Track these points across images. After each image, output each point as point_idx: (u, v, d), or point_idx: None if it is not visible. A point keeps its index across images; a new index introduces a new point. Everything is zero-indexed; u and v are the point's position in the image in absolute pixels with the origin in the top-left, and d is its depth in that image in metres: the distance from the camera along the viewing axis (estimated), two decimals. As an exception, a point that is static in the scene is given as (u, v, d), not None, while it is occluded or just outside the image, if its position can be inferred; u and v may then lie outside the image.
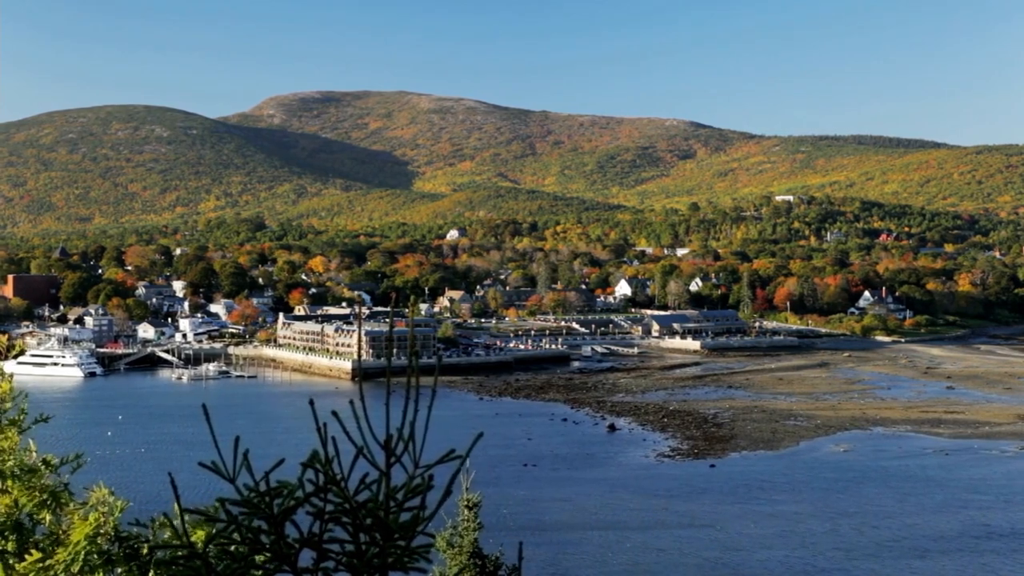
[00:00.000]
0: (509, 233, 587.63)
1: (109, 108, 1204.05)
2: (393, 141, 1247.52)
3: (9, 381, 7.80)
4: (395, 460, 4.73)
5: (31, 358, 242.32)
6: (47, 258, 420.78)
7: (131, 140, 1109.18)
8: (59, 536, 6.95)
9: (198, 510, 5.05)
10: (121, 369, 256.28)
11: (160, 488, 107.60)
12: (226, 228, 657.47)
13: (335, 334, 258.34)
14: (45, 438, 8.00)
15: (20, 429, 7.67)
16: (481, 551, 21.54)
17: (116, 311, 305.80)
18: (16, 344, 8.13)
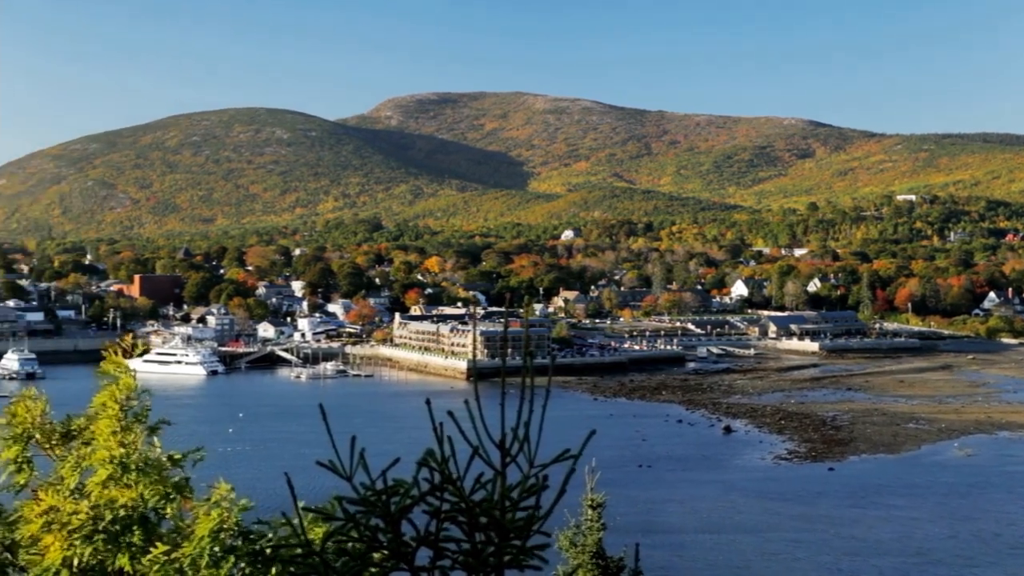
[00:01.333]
0: (624, 233, 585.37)
1: (232, 111, 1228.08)
2: (509, 142, 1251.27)
3: (134, 378, 8.05)
4: (510, 460, 4.72)
5: (156, 356, 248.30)
6: (172, 258, 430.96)
7: (252, 142, 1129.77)
8: (183, 530, 7.17)
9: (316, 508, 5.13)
10: (242, 367, 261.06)
11: (278, 485, 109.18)
12: (344, 229, 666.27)
13: (450, 334, 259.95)
14: (168, 434, 8.24)
15: (145, 425, 7.92)
16: (604, 551, 21.56)
17: (237, 310, 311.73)
18: (140, 343, 8.39)
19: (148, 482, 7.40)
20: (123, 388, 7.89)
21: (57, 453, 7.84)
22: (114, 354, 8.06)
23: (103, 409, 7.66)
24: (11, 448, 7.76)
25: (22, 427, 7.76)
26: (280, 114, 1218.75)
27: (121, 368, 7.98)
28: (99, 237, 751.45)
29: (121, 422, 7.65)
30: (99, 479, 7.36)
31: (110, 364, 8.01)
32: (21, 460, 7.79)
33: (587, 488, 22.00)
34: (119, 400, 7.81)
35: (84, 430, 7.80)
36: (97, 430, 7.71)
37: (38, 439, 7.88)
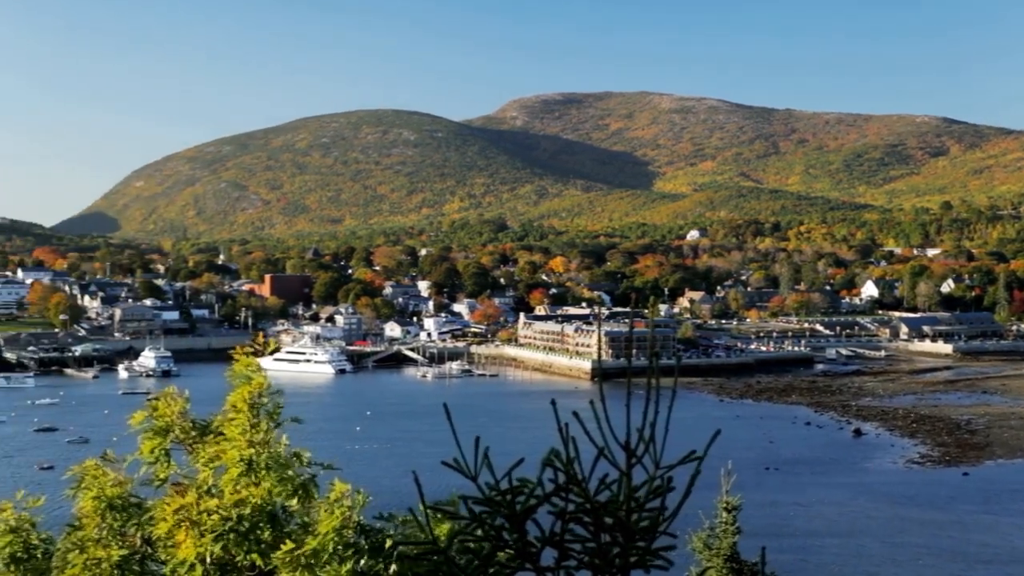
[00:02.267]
0: (751, 233, 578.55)
1: (360, 113, 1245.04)
2: (634, 142, 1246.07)
3: (265, 377, 8.15)
4: (636, 461, 4.72)
5: (286, 355, 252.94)
6: (301, 258, 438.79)
7: (380, 143, 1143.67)
8: (308, 527, 7.23)
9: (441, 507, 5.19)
10: (369, 366, 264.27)
11: (403, 483, 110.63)
12: (469, 229, 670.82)
13: (575, 334, 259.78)
14: (296, 431, 8.30)
15: (275, 423, 8.01)
16: (738, 555, 21.24)
17: (365, 310, 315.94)
18: (271, 342, 8.50)
19: (276, 480, 7.48)
20: (254, 388, 8.00)
21: (193, 449, 7.98)
22: (245, 354, 8.16)
23: (235, 408, 7.77)
24: (151, 441, 7.94)
25: (163, 422, 7.92)
26: (407, 115, 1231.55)
27: (252, 368, 8.08)
28: (231, 237, 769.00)
29: (251, 421, 7.75)
30: (230, 477, 7.47)
31: (241, 364, 8.12)
32: (159, 453, 7.96)
33: (723, 491, 21.72)
34: (250, 399, 7.92)
35: (217, 428, 7.94)
36: (229, 429, 7.83)
37: (177, 435, 8.04)
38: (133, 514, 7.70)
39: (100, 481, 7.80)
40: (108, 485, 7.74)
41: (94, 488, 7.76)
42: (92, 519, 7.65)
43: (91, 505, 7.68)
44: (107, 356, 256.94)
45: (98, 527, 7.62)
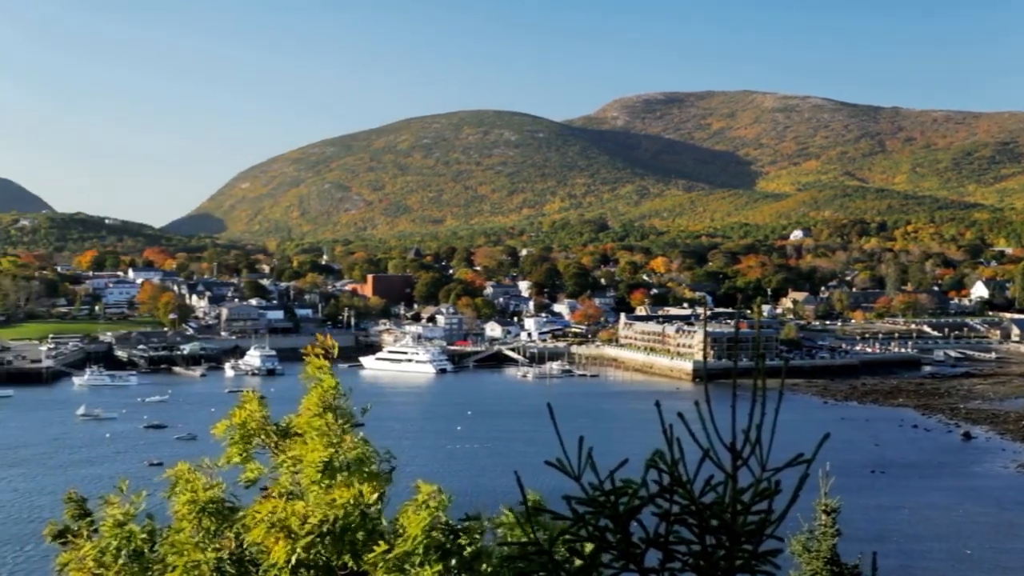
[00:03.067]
0: (856, 233, 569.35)
1: (461, 114, 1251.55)
2: (736, 141, 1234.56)
3: (335, 377, 8.25)
4: (741, 463, 4.69)
5: (388, 354, 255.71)
6: (403, 258, 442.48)
7: (481, 144, 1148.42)
8: (397, 528, 7.31)
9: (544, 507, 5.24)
10: (470, 366, 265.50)
11: (502, 482, 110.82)
12: (570, 229, 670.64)
13: (676, 335, 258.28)
14: (397, 430, 8.39)
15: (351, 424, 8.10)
16: (838, 558, 21.00)
17: (465, 310, 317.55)
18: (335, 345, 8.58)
19: (360, 480, 7.58)
20: (326, 389, 8.10)
21: (277, 452, 8.13)
22: (315, 356, 8.27)
23: (310, 411, 7.89)
24: (236, 445, 8.10)
25: (246, 427, 8.08)
26: (508, 116, 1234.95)
27: (324, 369, 8.19)
28: (334, 238, 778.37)
29: (327, 423, 7.86)
30: (310, 479, 7.59)
31: (313, 366, 8.24)
32: (244, 456, 8.12)
33: (821, 493, 21.48)
34: (323, 401, 8.02)
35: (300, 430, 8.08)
36: (307, 432, 7.95)
37: (262, 439, 8.19)
38: (227, 517, 7.86)
39: (193, 484, 7.97)
40: (201, 488, 7.91)
41: (187, 492, 7.93)
42: (188, 522, 7.83)
43: (186, 508, 7.86)
44: (214, 355, 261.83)
45: (194, 530, 7.80)
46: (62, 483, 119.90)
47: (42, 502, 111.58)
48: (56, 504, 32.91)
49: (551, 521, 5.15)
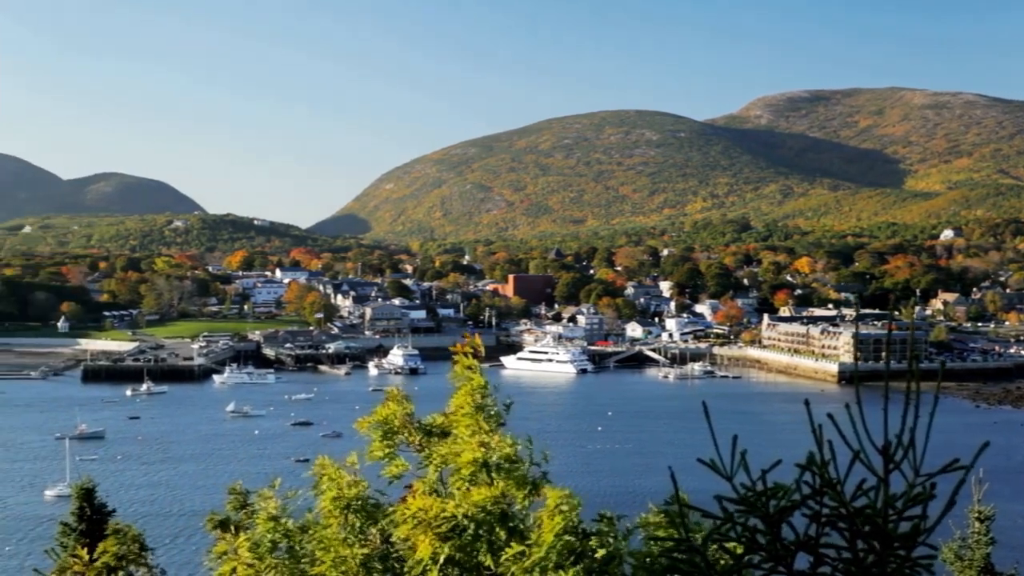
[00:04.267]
0: (1010, 233, 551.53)
1: (602, 114, 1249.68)
2: (883, 139, 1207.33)
3: (483, 375, 8.26)
4: (894, 467, 4.61)
5: (529, 354, 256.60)
6: (544, 259, 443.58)
7: (622, 144, 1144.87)
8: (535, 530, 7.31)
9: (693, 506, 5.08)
10: (610, 366, 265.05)
11: (641, 483, 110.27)
12: (712, 229, 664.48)
13: (821, 336, 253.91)
14: (536, 430, 8.37)
15: (500, 423, 8.10)
16: (992, 567, 20.40)
17: (606, 310, 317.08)
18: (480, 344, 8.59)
19: (508, 480, 7.58)
20: (475, 388, 8.10)
21: (421, 450, 8.18)
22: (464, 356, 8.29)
23: (460, 410, 7.91)
24: (381, 443, 8.18)
25: (390, 423, 8.16)
26: (649, 115, 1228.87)
27: (473, 368, 8.20)
28: (476, 238, 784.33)
29: (478, 422, 7.88)
30: (461, 478, 7.62)
31: (462, 365, 8.25)
32: (388, 453, 8.20)
33: (974, 499, 20.90)
34: (473, 400, 8.04)
35: (446, 428, 8.11)
36: (457, 430, 7.98)
37: (405, 437, 8.26)
38: (371, 514, 7.95)
39: (338, 481, 8.08)
40: (346, 485, 8.02)
41: (333, 488, 8.04)
42: (334, 518, 7.94)
43: (331, 505, 7.97)
44: (358, 354, 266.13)
45: (340, 526, 7.90)
46: (212, 477, 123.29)
47: (193, 495, 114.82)
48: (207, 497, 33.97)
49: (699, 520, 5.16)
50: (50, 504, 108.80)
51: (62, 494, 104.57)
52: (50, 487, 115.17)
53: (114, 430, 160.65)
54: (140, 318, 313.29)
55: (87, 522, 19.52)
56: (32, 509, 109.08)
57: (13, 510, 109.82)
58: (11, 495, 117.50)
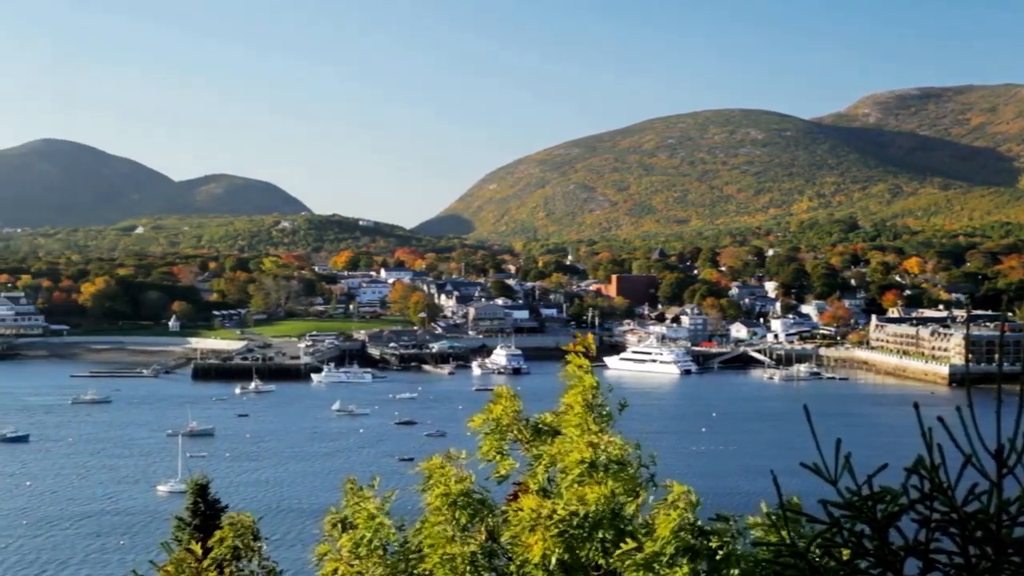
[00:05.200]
0: None
1: (707, 113, 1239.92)
2: (997, 137, 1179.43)
3: (594, 375, 8.33)
4: (1007, 471, 4.50)
5: (632, 355, 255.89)
6: (647, 259, 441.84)
7: (727, 143, 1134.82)
8: (648, 527, 7.35)
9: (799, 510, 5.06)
10: (714, 367, 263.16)
11: (745, 485, 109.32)
12: (818, 229, 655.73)
13: (931, 337, 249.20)
14: (639, 431, 8.43)
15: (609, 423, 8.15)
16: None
17: (710, 311, 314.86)
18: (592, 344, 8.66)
19: (617, 480, 7.64)
20: (587, 388, 8.16)
21: (530, 448, 8.28)
22: (576, 355, 8.35)
23: (570, 409, 7.97)
24: (490, 440, 8.29)
25: (500, 422, 8.25)
26: (755, 114, 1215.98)
27: (584, 368, 8.26)
28: (579, 238, 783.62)
29: (588, 421, 7.93)
30: (571, 478, 7.68)
31: (574, 364, 8.31)
32: (498, 452, 8.30)
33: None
34: (584, 400, 8.09)
35: (553, 427, 8.19)
36: (567, 429, 8.05)
37: (515, 435, 8.35)
38: (478, 511, 8.04)
39: (446, 478, 8.18)
40: (453, 482, 8.12)
41: (440, 485, 8.14)
42: (441, 515, 8.04)
43: (439, 502, 8.06)
44: (462, 353, 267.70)
45: (447, 522, 8.01)
46: (318, 475, 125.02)
47: (299, 492, 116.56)
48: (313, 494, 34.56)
49: (806, 524, 5.05)
50: (162, 499, 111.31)
51: (174, 490, 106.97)
52: (162, 483, 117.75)
53: (223, 427, 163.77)
54: (248, 317, 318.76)
55: (201, 517, 20.04)
56: (145, 504, 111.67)
57: (126, 504, 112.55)
58: (124, 490, 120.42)
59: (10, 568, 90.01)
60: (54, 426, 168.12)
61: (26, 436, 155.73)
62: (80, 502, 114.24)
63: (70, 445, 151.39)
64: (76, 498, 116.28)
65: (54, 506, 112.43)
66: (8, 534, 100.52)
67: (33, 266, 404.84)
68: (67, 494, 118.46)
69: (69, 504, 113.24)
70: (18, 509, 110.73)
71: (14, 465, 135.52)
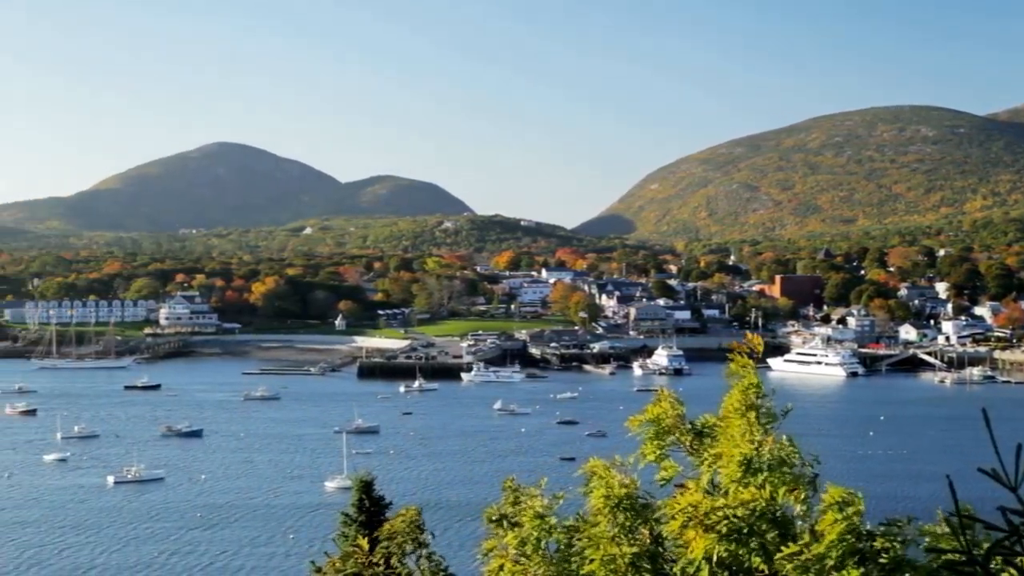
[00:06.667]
0: None
1: (875, 111, 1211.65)
2: None
3: (757, 375, 8.25)
4: None
5: (796, 356, 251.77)
6: (812, 259, 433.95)
7: (896, 141, 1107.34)
8: (814, 530, 7.27)
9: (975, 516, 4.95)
10: (882, 370, 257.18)
11: (913, 490, 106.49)
12: (993, 228, 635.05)
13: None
14: (800, 433, 8.34)
15: (774, 425, 8.08)
16: None
17: (877, 312, 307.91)
18: (759, 344, 8.58)
19: (779, 481, 7.57)
20: (749, 388, 8.11)
21: (693, 450, 8.26)
22: (739, 355, 8.30)
23: (733, 409, 7.93)
24: (652, 442, 8.31)
25: (661, 423, 8.26)
26: (925, 111, 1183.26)
27: (748, 368, 8.21)
28: (742, 238, 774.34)
29: (750, 421, 7.88)
30: (732, 477, 7.65)
31: (736, 364, 8.27)
32: (659, 454, 8.31)
33: None
34: (747, 400, 8.04)
35: (716, 428, 8.16)
36: (729, 429, 8.01)
37: (677, 437, 8.34)
38: (642, 513, 8.06)
39: (608, 480, 8.22)
40: (616, 484, 8.15)
41: (603, 487, 8.18)
42: (604, 516, 8.08)
43: (601, 503, 8.10)
44: (622, 353, 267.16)
45: (610, 524, 8.04)
46: (481, 473, 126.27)
47: (461, 490, 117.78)
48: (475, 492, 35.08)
49: (982, 531, 4.93)
50: (329, 494, 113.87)
51: (341, 485, 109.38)
52: (330, 479, 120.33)
53: (388, 425, 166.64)
54: (412, 317, 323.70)
55: (366, 513, 20.48)
56: (313, 498, 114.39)
57: (294, 498, 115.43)
58: (292, 484, 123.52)
59: (184, 556, 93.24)
60: (226, 421, 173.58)
61: (200, 431, 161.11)
62: (250, 495, 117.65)
63: (241, 440, 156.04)
64: (246, 491, 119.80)
65: (226, 498, 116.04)
66: (183, 525, 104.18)
67: (207, 266, 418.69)
68: (238, 487, 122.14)
69: (239, 497, 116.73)
70: (192, 501, 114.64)
71: (189, 459, 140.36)
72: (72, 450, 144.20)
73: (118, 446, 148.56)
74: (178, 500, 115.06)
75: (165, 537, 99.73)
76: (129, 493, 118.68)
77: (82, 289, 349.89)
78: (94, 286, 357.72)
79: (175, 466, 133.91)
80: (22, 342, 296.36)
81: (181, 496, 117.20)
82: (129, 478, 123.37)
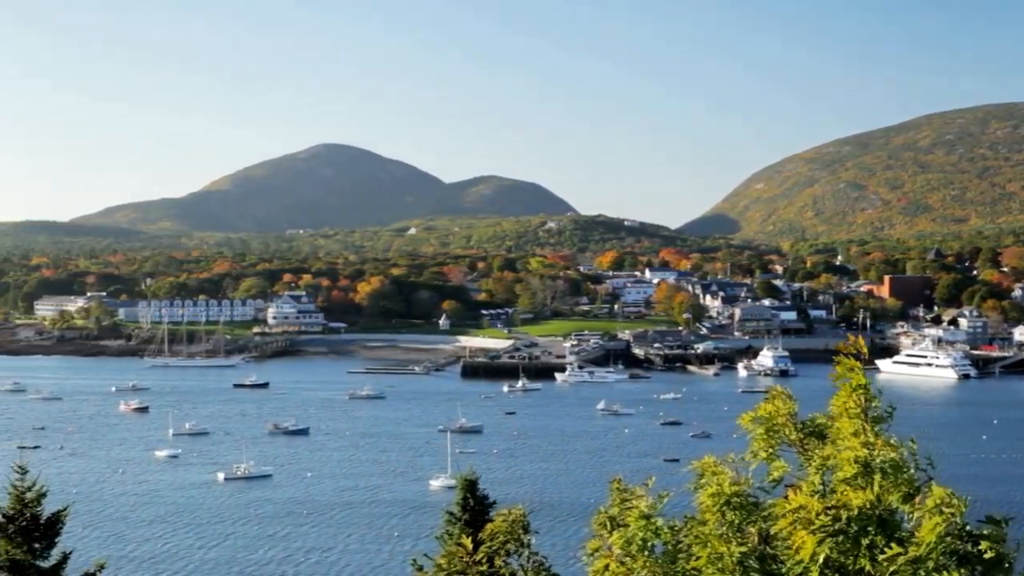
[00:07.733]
0: None
1: (987, 108, 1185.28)
2: None
3: (865, 377, 8.17)
4: None
5: (906, 358, 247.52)
6: (922, 259, 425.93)
7: (1010, 139, 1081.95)
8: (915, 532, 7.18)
9: None
10: (995, 372, 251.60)
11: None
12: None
13: None
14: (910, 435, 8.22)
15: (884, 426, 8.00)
16: None
17: (991, 313, 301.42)
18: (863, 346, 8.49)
19: (888, 483, 7.49)
20: (859, 389, 8.04)
21: (804, 450, 8.20)
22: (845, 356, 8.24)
23: (844, 410, 7.86)
24: (762, 441, 8.26)
25: (773, 423, 8.21)
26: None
27: (856, 370, 8.14)
28: (849, 238, 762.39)
29: (862, 422, 7.81)
30: (843, 478, 7.58)
31: (844, 366, 8.21)
32: (770, 453, 8.26)
33: None
34: (858, 402, 7.98)
35: (827, 429, 8.09)
36: (839, 430, 7.95)
37: (787, 436, 8.29)
38: (751, 512, 8.02)
39: (719, 478, 8.20)
40: (726, 483, 8.13)
41: (713, 485, 8.17)
42: (712, 514, 8.06)
43: (710, 501, 8.09)
44: (727, 354, 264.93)
45: (718, 523, 8.02)
46: (584, 474, 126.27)
47: (565, 490, 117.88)
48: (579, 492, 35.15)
49: None
50: (434, 493, 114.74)
51: (446, 484, 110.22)
52: (435, 477, 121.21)
53: (491, 424, 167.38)
54: (515, 316, 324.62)
55: (470, 512, 20.62)
56: (418, 497, 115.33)
57: (398, 496, 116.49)
58: (396, 482, 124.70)
59: (293, 553, 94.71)
60: (331, 419, 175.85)
61: (306, 429, 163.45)
62: (355, 492, 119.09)
63: (346, 438, 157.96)
64: (351, 488, 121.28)
65: (331, 495, 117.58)
66: (289, 521, 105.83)
67: (313, 266, 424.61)
68: (343, 485, 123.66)
69: (344, 494, 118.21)
70: (298, 498, 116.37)
71: (295, 456, 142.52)
72: (183, 447, 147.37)
73: (227, 443, 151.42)
74: (285, 497, 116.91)
75: (273, 533, 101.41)
76: (239, 489, 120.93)
77: (193, 289, 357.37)
78: (204, 286, 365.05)
79: (282, 463, 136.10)
80: (135, 340, 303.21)
81: (288, 493, 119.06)
82: (239, 475, 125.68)
